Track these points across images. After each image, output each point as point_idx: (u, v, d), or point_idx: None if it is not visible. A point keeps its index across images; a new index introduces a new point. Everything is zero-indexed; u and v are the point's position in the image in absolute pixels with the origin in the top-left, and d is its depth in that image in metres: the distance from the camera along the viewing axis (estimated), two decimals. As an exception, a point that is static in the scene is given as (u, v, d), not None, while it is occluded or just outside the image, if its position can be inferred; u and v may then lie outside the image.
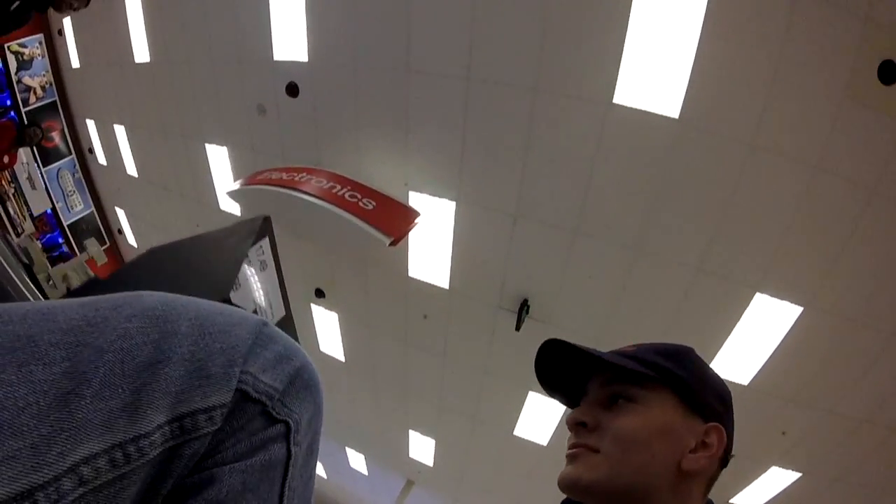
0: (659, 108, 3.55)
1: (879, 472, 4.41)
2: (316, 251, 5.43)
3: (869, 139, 3.21)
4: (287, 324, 2.28)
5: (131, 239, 8.65)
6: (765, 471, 5.07)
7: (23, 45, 6.84)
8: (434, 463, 7.93)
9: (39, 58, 7.10)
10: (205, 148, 5.99)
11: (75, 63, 7.11)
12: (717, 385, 0.77)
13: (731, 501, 5.38)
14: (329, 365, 6.88)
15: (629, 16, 3.32)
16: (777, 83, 3.22)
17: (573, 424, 0.74)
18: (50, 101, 7.39)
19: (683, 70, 3.37)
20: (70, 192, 8.09)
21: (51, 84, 7.33)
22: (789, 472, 4.95)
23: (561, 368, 0.81)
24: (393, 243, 4.02)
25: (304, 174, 4.37)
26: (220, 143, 5.80)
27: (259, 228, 1.98)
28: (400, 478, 8.82)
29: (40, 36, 6.99)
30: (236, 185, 4.64)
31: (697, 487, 0.70)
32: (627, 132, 3.69)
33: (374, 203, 4.14)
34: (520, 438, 6.31)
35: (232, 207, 5.85)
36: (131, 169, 7.40)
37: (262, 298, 2.00)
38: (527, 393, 5.55)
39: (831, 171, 3.35)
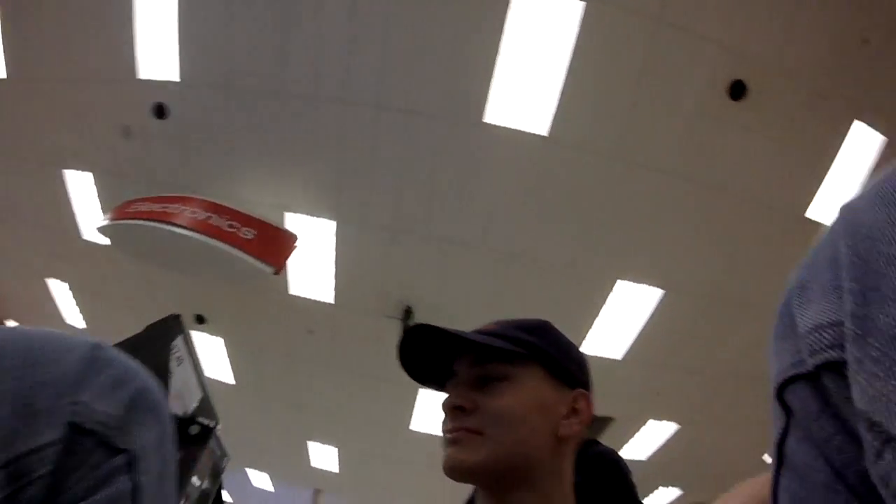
0: (528, 126, 3.82)
1: (737, 413, 5.41)
2: (193, 277, 5.33)
3: (717, 147, 3.84)
4: (205, 404, 2.34)
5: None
6: (644, 424, 6.08)
7: None
8: (339, 469, 8.08)
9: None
10: (63, 175, 5.60)
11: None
12: (575, 354, 0.82)
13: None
14: (219, 389, 6.74)
15: (500, 41, 3.51)
16: (639, 103, 3.66)
17: (450, 409, 0.74)
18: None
19: (553, 91, 3.64)
20: None
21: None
22: (666, 423, 5.99)
23: (428, 354, 0.80)
24: (276, 272, 4.10)
25: (178, 204, 4.24)
26: (83, 169, 5.46)
27: (170, 333, 2.00)
28: (308, 489, 8.88)
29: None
30: (105, 220, 4.44)
31: (570, 449, 0.76)
32: (499, 149, 3.98)
33: (253, 232, 4.09)
34: (416, 432, 6.66)
35: (96, 237, 5.54)
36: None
37: (179, 387, 2.05)
38: (417, 390, 5.87)
39: (684, 177, 3.95)
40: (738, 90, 3.56)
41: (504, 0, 3.36)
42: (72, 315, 7.03)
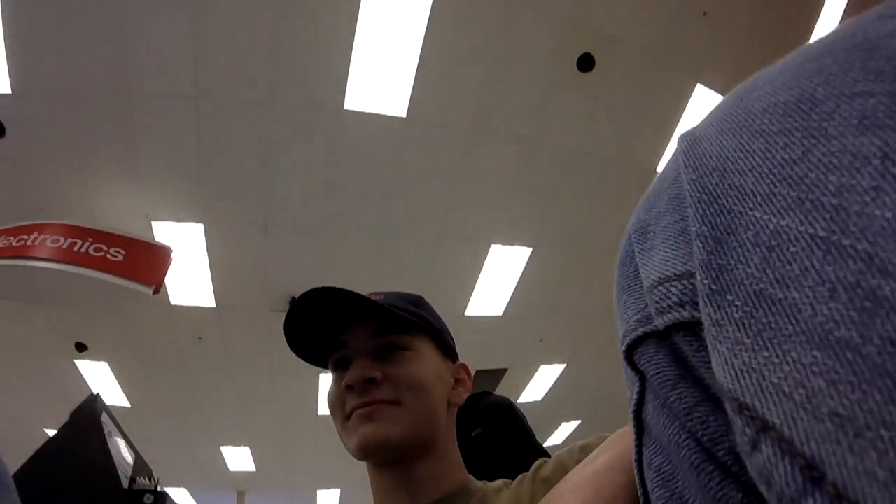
0: (387, 109, 3.95)
1: (615, 346, 6.45)
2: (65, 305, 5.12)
3: (570, 115, 4.21)
4: (140, 463, 2.35)
5: None
6: (536, 370, 6.73)
7: None
8: (256, 467, 8.15)
9: None
10: None
11: None
12: (446, 326, 0.84)
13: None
14: (115, 414, 6.57)
15: (356, 27, 3.54)
16: (493, 78, 3.89)
17: (362, 382, 0.69)
18: None
19: (408, 74, 3.76)
20: None
21: None
22: (555, 366, 6.78)
23: (314, 328, 0.74)
24: (156, 291, 4.08)
25: (35, 234, 3.99)
26: None
27: (95, 412, 2.02)
28: (230, 493, 8.88)
29: None
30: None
31: (454, 416, 0.78)
32: (361, 133, 4.08)
33: (122, 252, 3.94)
34: (325, 416, 6.91)
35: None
36: None
37: (118, 458, 2.08)
38: (318, 377, 6.10)
39: (541, 144, 4.31)
40: (586, 62, 3.92)
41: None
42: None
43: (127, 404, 6.50)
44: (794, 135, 0.20)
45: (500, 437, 1.13)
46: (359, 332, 0.73)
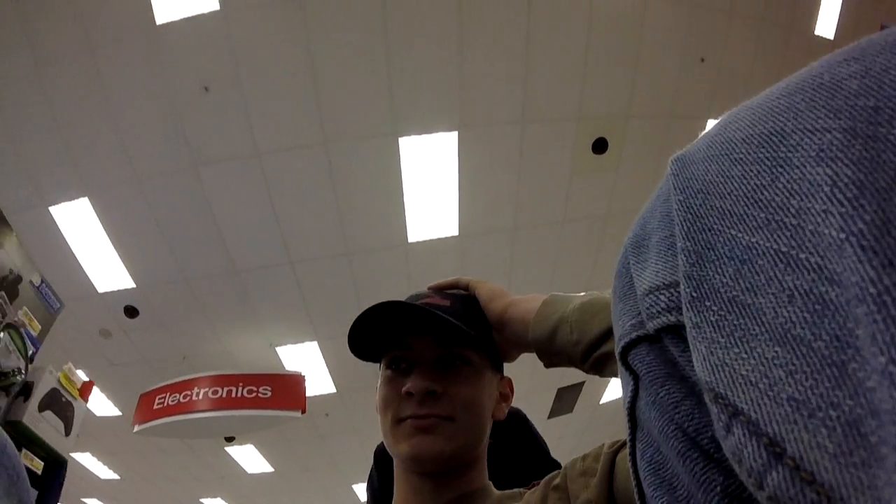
0: (443, 232, 4.78)
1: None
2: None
3: (593, 191, 4.82)
4: None
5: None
6: (609, 381, 7.32)
7: None
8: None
9: None
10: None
11: None
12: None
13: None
14: (262, 481, 7.79)
15: (402, 178, 4.33)
16: (521, 185, 4.57)
17: (424, 393, 0.68)
18: None
19: (452, 199, 4.55)
20: None
21: None
22: None
23: (379, 328, 0.74)
24: (302, 412, 4.93)
25: (195, 388, 4.89)
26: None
27: None
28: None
29: None
30: (138, 426, 5.05)
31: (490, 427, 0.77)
32: (427, 257, 4.89)
33: (269, 388, 4.87)
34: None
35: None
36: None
37: None
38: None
39: (572, 221, 4.96)
40: (600, 145, 4.47)
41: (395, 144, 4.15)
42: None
43: (271, 469, 7.59)
44: (765, 164, 0.22)
45: (513, 448, 1.08)
46: (424, 338, 0.72)
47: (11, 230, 1.78)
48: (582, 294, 0.67)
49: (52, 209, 4.33)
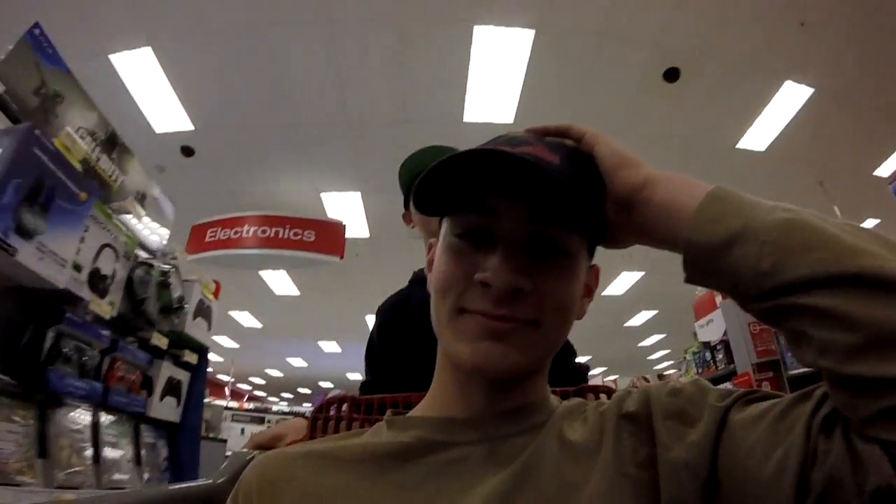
0: (498, 118, 4.91)
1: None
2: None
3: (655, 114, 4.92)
4: None
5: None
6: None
7: None
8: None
9: None
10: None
11: None
12: None
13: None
14: (287, 302, 8.78)
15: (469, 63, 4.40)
16: (585, 92, 4.70)
17: (509, 291, 0.50)
18: None
19: (514, 91, 4.65)
20: None
21: None
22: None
23: (457, 180, 0.52)
24: (340, 258, 5.48)
25: (245, 226, 5.37)
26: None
27: None
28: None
29: None
30: (190, 256, 5.60)
31: None
32: (479, 137, 5.06)
33: (313, 232, 5.35)
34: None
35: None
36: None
37: None
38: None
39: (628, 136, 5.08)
40: (672, 74, 4.51)
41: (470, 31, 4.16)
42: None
43: (297, 293, 8.53)
44: None
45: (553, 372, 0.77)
46: (514, 207, 0.52)
47: (132, 155, 2.00)
48: (773, 203, 0.47)
49: (113, 57, 4.41)
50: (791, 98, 4.83)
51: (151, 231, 2.06)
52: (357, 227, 6.58)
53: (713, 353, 4.03)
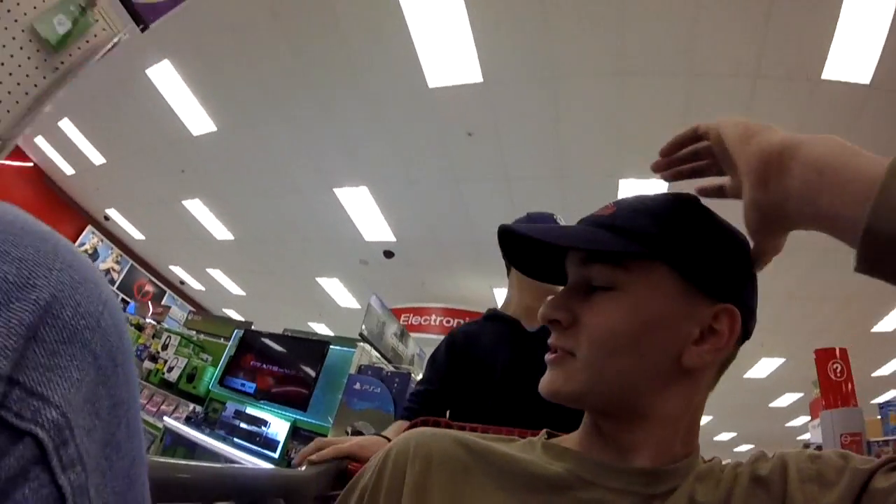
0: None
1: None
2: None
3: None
4: None
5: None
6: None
7: (81, 244, 8.19)
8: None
9: (100, 245, 8.78)
10: (316, 281, 8.45)
11: (139, 236, 8.97)
12: (732, 247, 0.56)
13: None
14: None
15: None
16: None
17: (547, 322, 0.57)
18: (127, 267, 9.41)
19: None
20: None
21: (121, 256, 9.23)
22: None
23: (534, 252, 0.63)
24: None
25: (433, 315, 6.81)
26: (331, 277, 8.26)
27: None
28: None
29: (89, 228, 8.53)
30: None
31: (705, 380, 0.56)
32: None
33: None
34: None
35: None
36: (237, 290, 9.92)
37: None
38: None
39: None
40: None
41: None
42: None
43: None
44: None
45: None
46: (572, 258, 0.59)
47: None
48: None
49: (337, 190, 5.96)
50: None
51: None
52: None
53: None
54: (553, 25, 3.71)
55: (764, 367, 8.81)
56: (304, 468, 0.85)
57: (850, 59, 3.69)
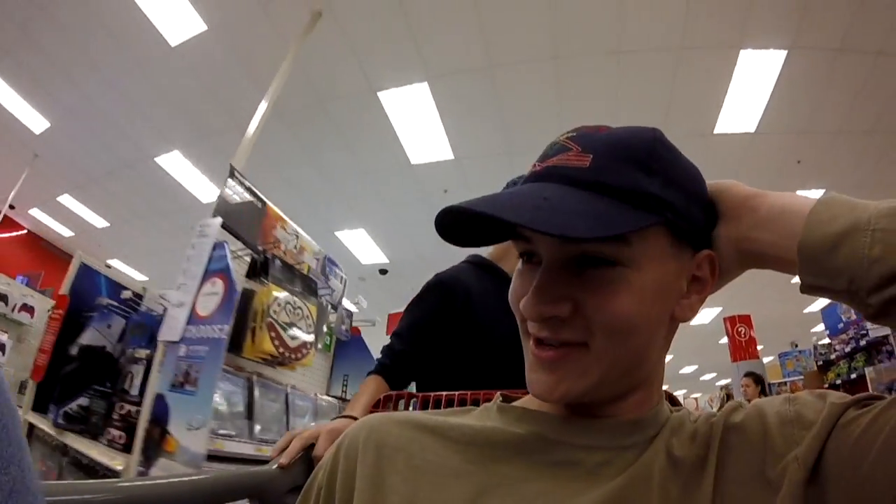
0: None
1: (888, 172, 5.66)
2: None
3: None
4: None
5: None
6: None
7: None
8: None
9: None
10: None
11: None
12: (696, 184, 0.53)
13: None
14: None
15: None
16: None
17: (543, 319, 0.48)
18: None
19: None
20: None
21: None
22: (813, 191, 5.39)
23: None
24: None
25: None
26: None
27: None
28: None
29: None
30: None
31: (674, 329, 0.54)
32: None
33: None
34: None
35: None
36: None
37: None
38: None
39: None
40: None
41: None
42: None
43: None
44: None
45: None
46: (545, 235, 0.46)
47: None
48: (884, 202, 0.44)
49: (338, 233, 7.27)
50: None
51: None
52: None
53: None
54: (507, 107, 4.90)
55: (706, 315, 10.44)
56: (273, 465, 0.86)
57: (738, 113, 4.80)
